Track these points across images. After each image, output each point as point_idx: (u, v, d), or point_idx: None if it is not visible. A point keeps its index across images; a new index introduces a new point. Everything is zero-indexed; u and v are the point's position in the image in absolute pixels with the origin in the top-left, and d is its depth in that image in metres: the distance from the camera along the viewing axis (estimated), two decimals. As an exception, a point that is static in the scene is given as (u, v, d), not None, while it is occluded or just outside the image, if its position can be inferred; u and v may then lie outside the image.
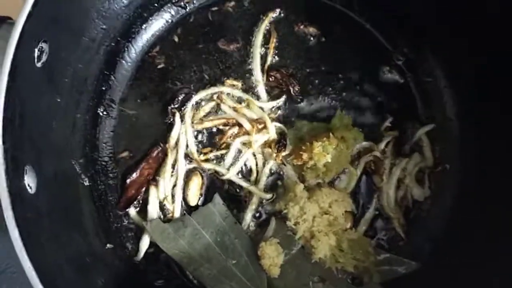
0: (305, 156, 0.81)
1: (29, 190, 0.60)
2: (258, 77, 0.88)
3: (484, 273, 0.72)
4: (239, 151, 0.85)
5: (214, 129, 0.86)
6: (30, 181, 0.60)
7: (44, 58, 0.64)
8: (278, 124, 0.85)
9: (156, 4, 0.88)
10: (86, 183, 0.80)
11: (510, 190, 0.74)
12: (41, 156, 0.65)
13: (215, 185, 0.84)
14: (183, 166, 0.83)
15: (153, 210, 0.82)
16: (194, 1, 0.90)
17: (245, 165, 0.85)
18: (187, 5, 0.90)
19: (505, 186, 0.75)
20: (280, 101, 0.87)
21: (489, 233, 0.75)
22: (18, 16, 0.58)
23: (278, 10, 0.90)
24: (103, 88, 0.85)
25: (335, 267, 0.80)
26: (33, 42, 0.61)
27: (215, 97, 0.86)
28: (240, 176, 0.85)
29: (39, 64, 0.63)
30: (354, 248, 0.80)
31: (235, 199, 0.84)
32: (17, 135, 0.59)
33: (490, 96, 0.80)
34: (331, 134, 0.80)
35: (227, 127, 0.86)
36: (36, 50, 0.62)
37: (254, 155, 0.85)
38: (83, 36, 0.77)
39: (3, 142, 0.55)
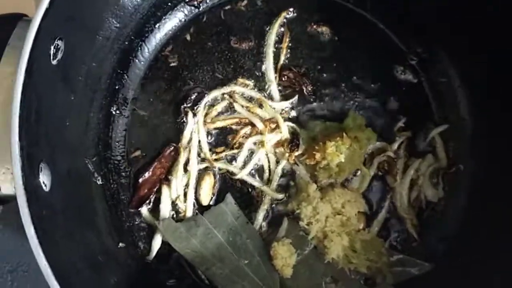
0: (318, 156, 0.80)
1: (44, 187, 0.60)
2: (271, 77, 0.88)
3: (498, 273, 0.71)
4: (252, 151, 0.85)
5: (227, 129, 0.86)
6: (45, 179, 0.60)
7: (59, 55, 0.64)
8: (291, 124, 0.85)
9: (169, 3, 0.89)
10: (99, 182, 0.80)
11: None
12: (55, 154, 0.66)
13: (227, 185, 0.84)
14: (195, 166, 0.83)
15: (165, 209, 0.82)
16: (207, 0, 0.90)
17: (257, 164, 0.85)
18: (200, 4, 0.90)
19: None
20: (293, 100, 0.87)
21: (503, 233, 0.74)
22: (34, 13, 0.58)
23: (291, 10, 0.90)
24: (116, 87, 0.85)
25: (348, 267, 0.80)
26: (49, 39, 0.61)
27: (227, 96, 0.86)
28: (252, 175, 0.85)
29: (54, 62, 0.63)
30: (367, 248, 0.79)
31: (247, 199, 0.84)
32: (33, 132, 0.59)
33: (503, 95, 0.79)
34: (344, 134, 0.80)
35: (239, 127, 0.85)
36: (52, 47, 0.62)
37: (267, 155, 0.85)
38: (98, 34, 0.77)
39: (20, 139, 0.55)
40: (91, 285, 0.66)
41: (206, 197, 0.83)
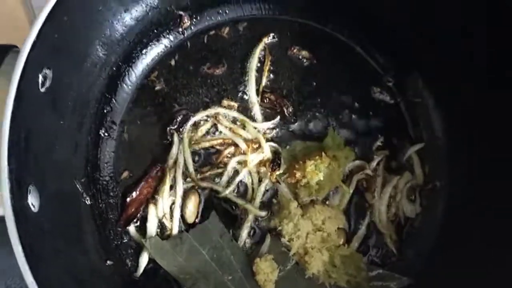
0: (298, 174, 0.83)
1: (32, 208, 0.62)
2: (253, 99, 0.91)
3: (475, 286, 0.73)
4: (236, 170, 0.87)
5: (211, 149, 0.89)
6: (33, 200, 0.62)
7: (47, 83, 0.67)
8: (273, 144, 0.88)
9: (155, 31, 0.92)
10: (88, 202, 0.82)
11: (499, 205, 0.76)
12: (44, 176, 0.68)
13: (212, 203, 0.86)
14: (181, 185, 0.85)
15: (152, 228, 0.84)
16: (192, 27, 0.94)
17: (241, 183, 0.87)
18: (185, 31, 0.94)
19: (494, 201, 0.77)
20: (275, 121, 0.90)
21: (479, 247, 0.76)
22: (23, 44, 0.61)
23: (271, 35, 0.94)
24: (105, 111, 0.88)
25: (328, 282, 0.82)
26: (37, 69, 0.64)
27: (212, 118, 0.89)
28: (236, 194, 0.87)
29: (43, 90, 0.66)
30: (347, 263, 0.82)
31: (232, 216, 0.86)
32: (22, 156, 0.61)
33: (476, 116, 0.82)
34: (323, 153, 0.83)
35: (223, 147, 0.88)
36: (40, 76, 0.65)
37: (250, 174, 0.87)
38: (85, 62, 0.80)
39: (9, 164, 0.58)
40: None
41: (191, 215, 0.85)
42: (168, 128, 0.88)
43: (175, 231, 0.84)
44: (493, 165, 0.78)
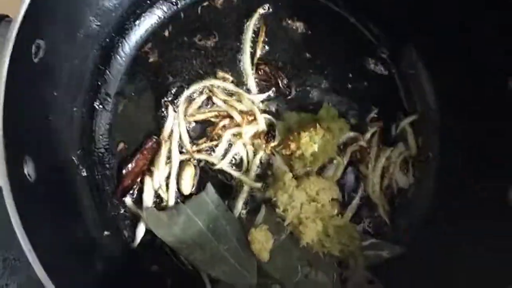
0: (293, 145, 0.84)
1: (29, 178, 0.62)
2: (248, 71, 0.91)
3: (464, 256, 0.75)
4: (230, 142, 0.88)
5: (206, 121, 0.89)
6: (29, 170, 0.63)
7: (41, 54, 0.66)
8: (267, 116, 0.88)
9: (148, 1, 0.91)
10: (84, 174, 0.83)
11: (489, 176, 0.77)
12: (40, 148, 0.68)
13: (208, 175, 0.87)
14: (176, 157, 0.86)
15: (148, 199, 0.84)
16: (185, -2, 0.93)
17: (236, 155, 0.88)
18: (178, 1, 0.93)
19: (484, 172, 0.78)
20: (269, 93, 0.90)
21: (470, 218, 0.78)
22: (15, 14, 0.60)
23: (266, 6, 0.93)
24: (99, 83, 0.88)
25: (322, 251, 0.83)
26: (30, 39, 0.64)
27: (207, 90, 0.89)
28: (231, 166, 0.88)
29: (36, 60, 0.66)
30: (340, 233, 0.83)
31: (227, 188, 0.87)
32: (17, 126, 0.61)
33: (469, 87, 0.82)
34: (317, 125, 0.84)
35: (218, 119, 0.88)
36: (33, 46, 0.64)
37: (245, 146, 0.88)
38: (79, 32, 0.79)
39: (4, 135, 0.58)
40: (76, 271, 0.69)
41: (187, 187, 0.86)
42: (162, 100, 0.88)
43: (171, 202, 0.85)
44: (485, 136, 0.79)
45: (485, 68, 0.78)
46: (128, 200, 0.86)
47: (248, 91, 0.90)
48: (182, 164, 0.86)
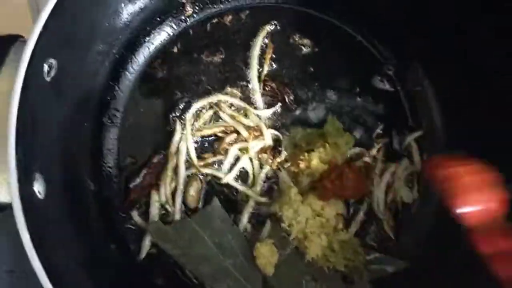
0: (302, 165, 0.85)
1: (38, 195, 0.63)
2: (255, 87, 0.92)
3: (469, 271, 0.74)
4: (237, 157, 0.89)
5: (213, 136, 0.90)
6: (39, 188, 0.63)
7: (53, 73, 0.68)
8: (274, 131, 0.89)
9: (158, 18, 0.93)
10: (92, 188, 0.84)
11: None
12: (50, 164, 0.69)
13: (214, 189, 0.88)
14: (183, 172, 0.87)
15: (154, 213, 0.85)
16: (194, 15, 0.95)
17: (242, 170, 0.89)
18: (187, 19, 0.94)
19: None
20: (276, 109, 0.91)
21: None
22: (29, 35, 0.62)
23: (274, 23, 0.94)
24: (108, 98, 0.89)
25: (327, 266, 0.83)
26: (43, 58, 0.65)
27: (214, 105, 0.90)
28: (237, 180, 0.89)
29: (48, 79, 0.67)
30: (345, 248, 0.83)
31: (233, 202, 0.88)
32: (28, 144, 0.62)
33: (474, 105, 0.83)
34: (326, 145, 0.85)
35: (225, 134, 0.89)
36: (46, 66, 0.66)
37: (251, 161, 0.89)
38: (89, 50, 0.81)
39: (16, 152, 0.59)
40: (84, 285, 0.69)
41: (193, 201, 0.87)
42: (170, 116, 0.89)
43: (177, 216, 0.86)
44: (491, 154, 0.79)
45: (494, 87, 0.79)
46: (134, 214, 0.86)
47: (255, 106, 0.91)
48: (188, 179, 0.87)
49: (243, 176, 0.89)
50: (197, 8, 0.95)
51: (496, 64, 0.78)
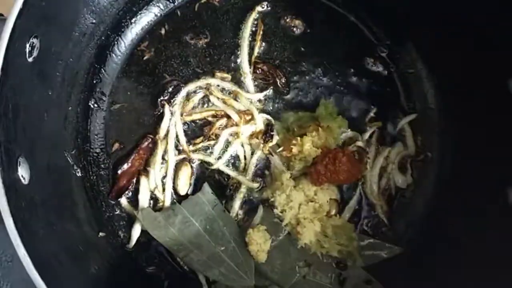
0: (295, 150, 0.83)
1: (22, 181, 0.61)
2: (246, 69, 0.90)
3: (462, 256, 0.75)
4: (228, 142, 0.87)
5: (203, 120, 0.88)
6: (23, 172, 0.62)
7: (35, 53, 0.65)
8: (265, 115, 0.88)
9: (145, -2, 0.90)
10: (79, 174, 0.82)
11: (487, 177, 0.76)
12: (34, 148, 0.67)
13: (204, 175, 0.87)
14: (173, 157, 0.85)
15: (144, 200, 0.84)
16: (182, -6, 0.92)
17: (233, 155, 0.87)
18: (175, -2, 0.92)
19: (483, 173, 0.77)
20: (267, 92, 0.89)
21: (468, 217, 0.78)
22: (9, 12, 0.59)
23: (265, 4, 0.92)
24: (94, 81, 0.87)
25: (320, 252, 0.83)
26: (24, 38, 0.63)
27: (204, 89, 0.88)
28: (228, 166, 0.87)
29: (30, 59, 0.65)
30: (338, 234, 0.83)
31: (224, 188, 0.86)
32: (11, 128, 0.61)
33: (468, 87, 0.82)
34: (319, 129, 0.83)
35: (215, 119, 0.87)
36: (28, 45, 0.63)
37: (242, 146, 0.87)
38: (74, 31, 0.78)
39: None
40: (72, 274, 0.68)
41: (183, 187, 0.85)
42: (159, 99, 0.87)
43: (167, 203, 0.84)
44: (485, 136, 0.79)
45: (485, 68, 0.77)
46: (123, 200, 0.85)
47: (246, 90, 0.89)
48: (178, 164, 0.86)
49: (234, 161, 0.88)
50: (185, -13, 0.92)
51: (491, 46, 0.76)
